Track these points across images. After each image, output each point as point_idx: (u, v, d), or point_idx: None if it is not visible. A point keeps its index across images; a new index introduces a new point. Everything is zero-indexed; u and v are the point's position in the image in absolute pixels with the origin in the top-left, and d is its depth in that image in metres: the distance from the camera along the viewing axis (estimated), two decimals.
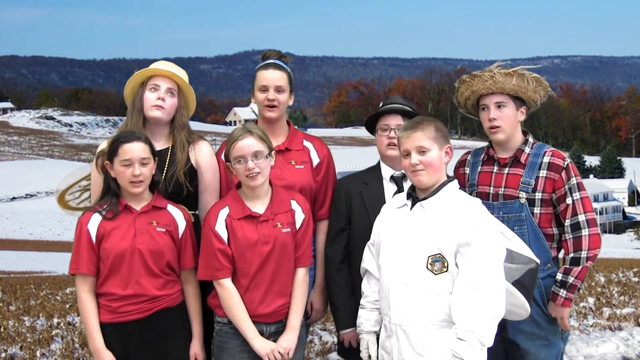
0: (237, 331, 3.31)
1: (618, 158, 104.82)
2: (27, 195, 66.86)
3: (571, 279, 3.44)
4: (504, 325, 3.39)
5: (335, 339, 5.99)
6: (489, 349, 2.98)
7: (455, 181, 3.22)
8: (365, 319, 3.35)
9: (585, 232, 3.45)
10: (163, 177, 3.49)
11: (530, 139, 3.62)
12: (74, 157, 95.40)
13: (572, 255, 3.46)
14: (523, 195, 3.51)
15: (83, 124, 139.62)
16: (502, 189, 3.56)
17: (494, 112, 3.54)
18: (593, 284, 10.59)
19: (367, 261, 3.38)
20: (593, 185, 72.90)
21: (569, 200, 3.48)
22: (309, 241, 3.48)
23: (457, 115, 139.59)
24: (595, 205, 61.62)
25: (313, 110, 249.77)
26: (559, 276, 3.47)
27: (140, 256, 3.26)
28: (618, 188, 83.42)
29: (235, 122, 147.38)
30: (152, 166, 3.32)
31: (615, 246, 47.46)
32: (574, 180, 3.49)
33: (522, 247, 3.29)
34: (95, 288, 3.30)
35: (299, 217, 3.42)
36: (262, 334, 3.32)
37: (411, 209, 3.17)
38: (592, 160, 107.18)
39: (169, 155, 3.55)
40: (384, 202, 3.50)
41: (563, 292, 3.45)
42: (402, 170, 3.57)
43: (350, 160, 65.64)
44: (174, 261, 3.36)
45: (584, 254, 3.44)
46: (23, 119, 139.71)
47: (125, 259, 3.25)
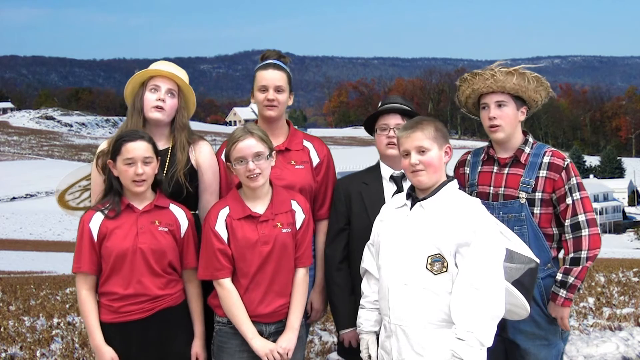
0: (237, 331, 3.31)
1: (618, 158, 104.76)
2: (27, 195, 66.84)
3: (571, 279, 3.44)
4: (503, 325, 3.39)
5: (335, 339, 5.99)
6: (489, 349, 2.98)
7: (455, 181, 3.22)
8: (365, 319, 3.35)
9: (585, 232, 3.45)
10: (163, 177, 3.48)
11: (530, 139, 3.62)
12: (74, 157, 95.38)
13: (572, 255, 3.46)
14: (523, 195, 3.51)
15: (83, 124, 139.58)
16: (502, 189, 3.56)
17: (494, 111, 3.54)
18: (593, 284, 10.58)
19: (367, 261, 3.38)
20: (593, 185, 72.85)
21: (569, 200, 3.48)
22: (309, 241, 3.48)
23: (457, 115, 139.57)
24: (595, 205, 61.60)
25: (313, 110, 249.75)
26: (559, 276, 3.47)
27: (142, 255, 3.26)
28: (618, 188, 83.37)
29: (235, 122, 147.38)
30: (154, 165, 3.32)
31: (615, 246, 47.45)
32: (574, 180, 3.49)
33: (521, 247, 3.29)
34: (95, 286, 3.31)
35: (299, 217, 3.42)
36: (261, 334, 3.32)
37: (411, 209, 3.17)
38: (592, 160, 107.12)
39: (169, 156, 3.55)
40: (384, 202, 3.50)
41: (563, 292, 3.45)
42: (402, 170, 3.57)
43: (350, 160, 65.62)
44: (176, 261, 3.36)
45: (584, 254, 3.44)
46: (23, 119, 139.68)
47: (127, 258, 3.25)
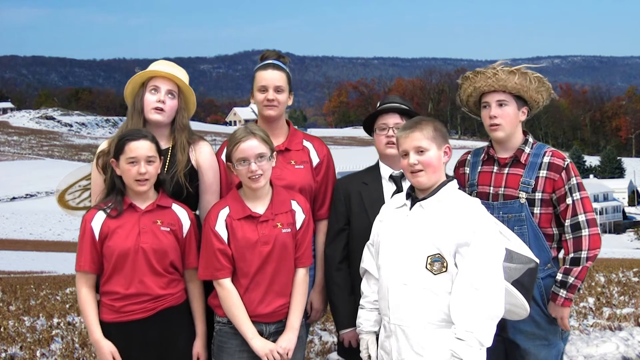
0: (237, 331, 3.31)
1: (618, 158, 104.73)
2: (27, 195, 66.82)
3: (571, 279, 3.44)
4: (503, 325, 3.39)
5: (335, 339, 5.99)
6: (489, 349, 2.98)
7: (455, 181, 3.22)
8: (365, 319, 3.35)
9: (585, 232, 3.45)
10: None
11: (530, 139, 3.62)
12: (74, 157, 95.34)
13: (572, 255, 3.46)
14: (523, 195, 3.51)
15: (83, 124, 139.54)
16: (502, 189, 3.56)
17: (495, 110, 3.55)
18: (593, 284, 10.58)
19: (367, 261, 3.38)
20: (593, 185, 72.85)
21: (569, 201, 3.48)
22: (309, 241, 3.48)
23: (457, 116, 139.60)
24: (595, 205, 61.60)
25: (313, 110, 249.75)
26: (559, 276, 3.47)
27: (144, 255, 3.26)
28: (618, 188, 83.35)
29: (235, 122, 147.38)
30: (157, 165, 3.32)
31: (615, 246, 47.45)
32: (574, 181, 3.49)
33: (521, 247, 3.28)
34: (95, 284, 3.32)
35: (299, 217, 3.42)
36: (261, 334, 3.32)
37: (410, 209, 3.17)
38: (592, 160, 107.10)
39: (169, 156, 3.54)
40: (383, 202, 3.50)
41: (563, 292, 3.45)
42: (401, 170, 3.57)
43: (350, 160, 65.62)
44: (178, 260, 3.36)
45: (584, 254, 3.44)
46: (23, 119, 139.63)
47: (129, 257, 3.25)
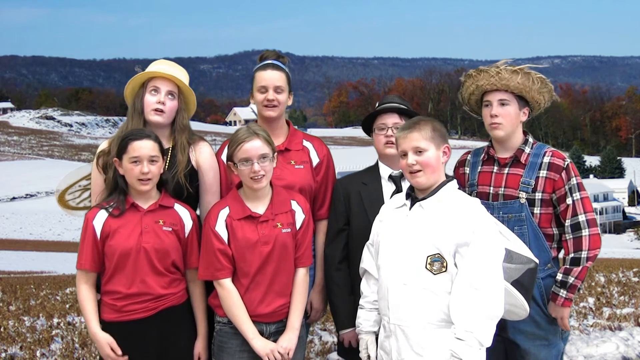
0: (237, 331, 3.31)
1: (618, 158, 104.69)
2: (27, 195, 66.83)
3: (571, 279, 3.44)
4: (503, 325, 3.39)
5: (335, 339, 5.99)
6: (489, 349, 2.98)
7: (454, 181, 3.22)
8: (365, 319, 3.35)
9: (585, 232, 3.45)
10: None
11: (530, 139, 3.62)
12: (74, 157, 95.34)
13: (572, 255, 3.46)
14: (523, 195, 3.51)
15: (83, 124, 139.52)
16: (502, 189, 3.56)
17: (496, 108, 3.55)
18: (593, 284, 10.58)
19: (366, 261, 3.37)
20: (593, 185, 72.83)
21: (569, 201, 3.48)
22: (309, 241, 3.48)
23: (457, 115, 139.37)
24: (595, 205, 61.60)
25: (313, 110, 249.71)
26: (559, 276, 3.47)
27: (145, 255, 3.26)
28: (618, 188, 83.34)
29: (235, 122, 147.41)
30: (160, 164, 3.33)
31: (615, 246, 47.45)
32: (574, 181, 3.49)
33: (521, 247, 3.29)
34: (95, 283, 3.32)
35: (299, 217, 3.42)
36: (262, 333, 3.32)
37: (410, 209, 3.17)
38: (592, 160, 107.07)
39: (169, 157, 3.54)
40: (383, 202, 3.50)
41: (563, 292, 3.45)
42: (400, 170, 3.57)
43: (350, 160, 65.64)
44: (179, 260, 3.36)
45: (584, 254, 3.44)
46: (23, 119, 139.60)
47: (131, 257, 3.25)
